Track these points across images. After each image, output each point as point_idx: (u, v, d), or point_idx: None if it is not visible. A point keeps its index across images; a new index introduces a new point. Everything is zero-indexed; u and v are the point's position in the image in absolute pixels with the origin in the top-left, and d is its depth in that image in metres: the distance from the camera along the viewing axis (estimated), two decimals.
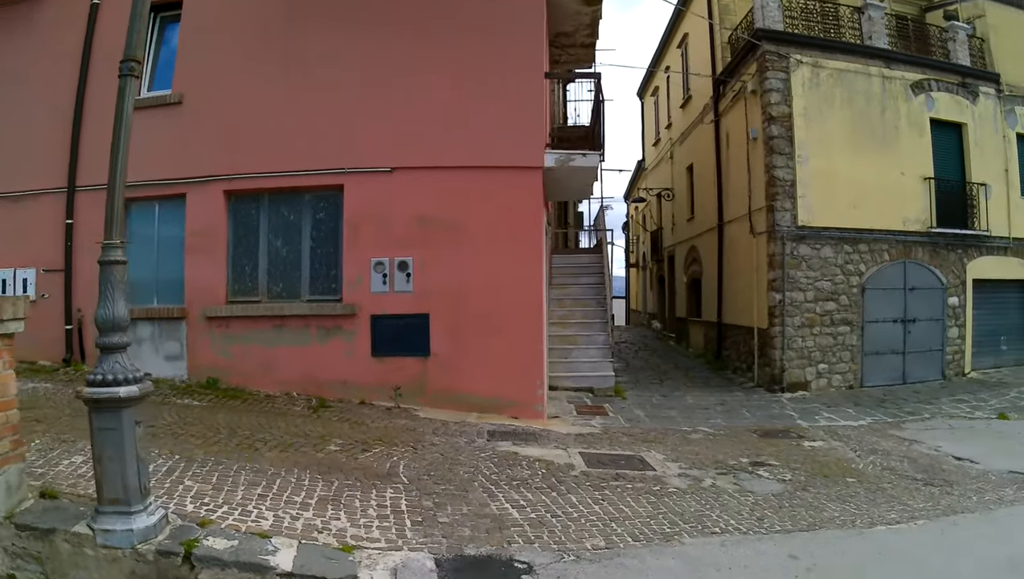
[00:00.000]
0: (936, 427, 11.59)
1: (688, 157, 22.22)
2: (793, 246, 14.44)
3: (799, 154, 14.51)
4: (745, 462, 8.67)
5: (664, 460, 8.53)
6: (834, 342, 14.75)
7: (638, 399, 13.31)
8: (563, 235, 23.88)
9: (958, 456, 9.46)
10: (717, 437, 10.29)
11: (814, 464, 8.77)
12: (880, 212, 15.21)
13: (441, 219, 10.19)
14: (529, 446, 8.64)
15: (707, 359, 18.97)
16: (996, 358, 17.43)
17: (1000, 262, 17.37)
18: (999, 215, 17.02)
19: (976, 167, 16.81)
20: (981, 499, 7.45)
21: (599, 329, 14.79)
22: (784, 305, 14.30)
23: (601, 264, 17.25)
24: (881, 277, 15.30)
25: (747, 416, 12.15)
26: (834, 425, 11.57)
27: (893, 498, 7.36)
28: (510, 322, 10.14)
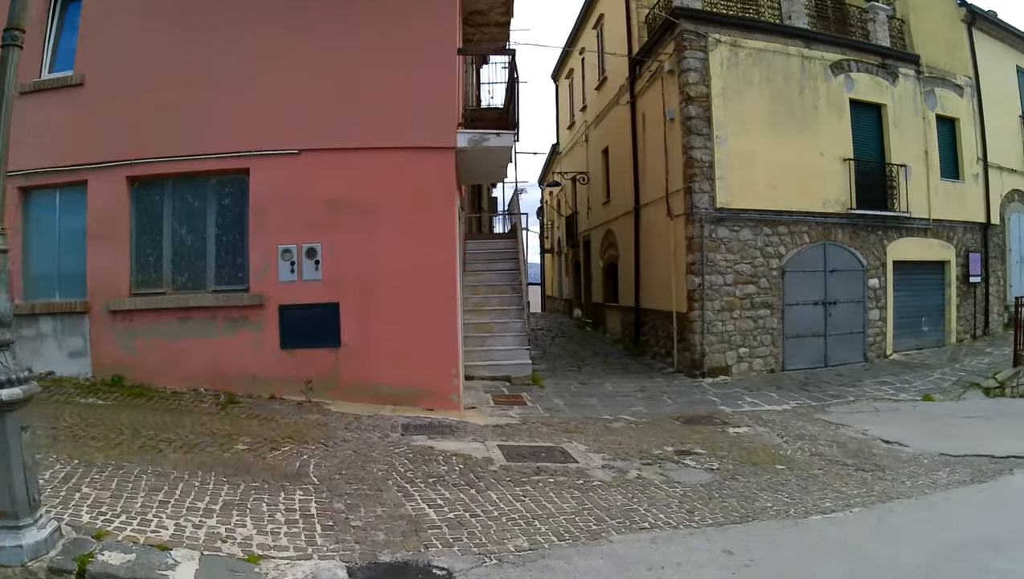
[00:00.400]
0: (862, 410, 12.33)
1: (604, 140, 23.14)
2: (712, 228, 15.36)
3: (717, 135, 15.42)
4: (670, 451, 8.99)
5: (586, 451, 8.78)
6: (755, 325, 15.81)
7: (557, 387, 13.98)
8: (477, 220, 24.45)
9: (887, 439, 9.98)
10: (640, 425, 10.73)
11: (741, 451, 9.14)
12: (800, 193, 16.26)
13: (351, 202, 10.49)
14: (446, 439, 8.82)
15: (625, 345, 19.90)
16: (917, 339, 18.75)
17: (920, 243, 18.70)
18: (919, 196, 18.30)
19: (896, 148, 18.05)
20: (915, 483, 7.76)
21: (515, 316, 15.47)
22: (703, 289, 15.23)
23: (516, 249, 17.91)
24: (801, 259, 16.40)
25: (669, 402, 12.87)
26: (758, 410, 12.28)
27: (826, 485, 7.66)
28: (423, 310, 10.51)
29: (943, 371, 15.88)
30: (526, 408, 11.84)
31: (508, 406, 11.87)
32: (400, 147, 10.62)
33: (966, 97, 20.21)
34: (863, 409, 12.47)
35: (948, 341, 19.48)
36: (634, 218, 19.40)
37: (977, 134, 20.44)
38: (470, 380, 13.69)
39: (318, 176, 10.57)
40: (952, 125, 19.94)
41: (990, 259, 20.68)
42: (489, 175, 15.42)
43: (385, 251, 10.52)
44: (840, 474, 8.17)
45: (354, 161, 10.62)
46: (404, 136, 10.62)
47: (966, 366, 16.39)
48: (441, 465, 7.71)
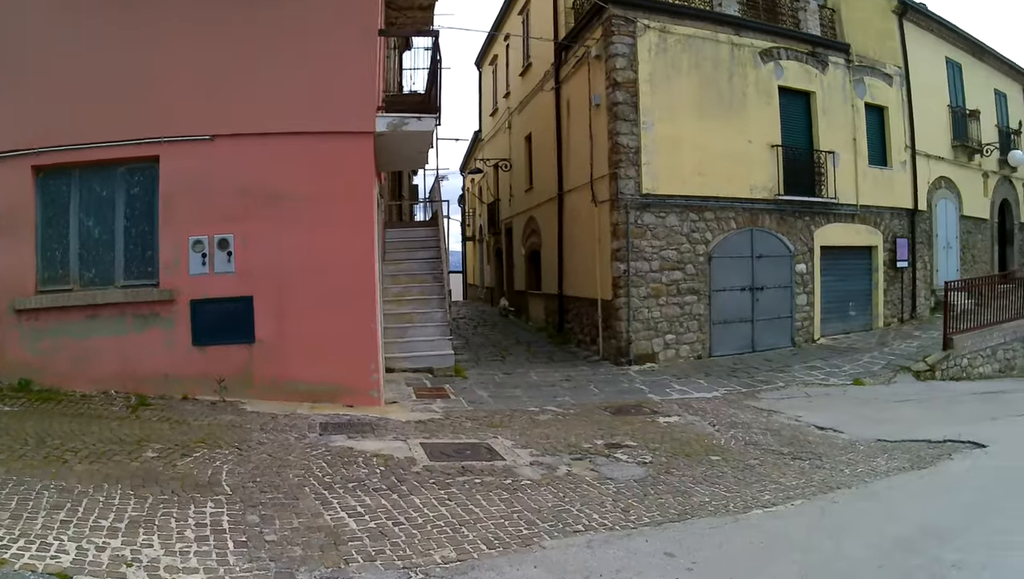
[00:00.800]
0: (793, 396, 12.62)
1: (527, 126, 23.22)
2: (637, 215, 15.50)
3: (644, 120, 15.56)
4: (600, 444, 8.94)
5: (513, 447, 8.68)
6: (681, 312, 16.04)
7: (480, 378, 14.01)
8: (398, 208, 24.42)
9: (821, 426, 10.15)
10: (567, 417, 10.75)
11: (673, 442, 9.15)
12: (727, 179, 16.53)
13: (265, 190, 10.27)
14: (366, 439, 8.62)
15: (549, 333, 20.05)
16: (845, 324, 19.28)
17: (847, 229, 19.16)
18: (847, 183, 18.76)
19: (824, 135, 18.45)
20: (854, 472, 7.83)
21: (436, 305, 15.45)
22: (629, 275, 15.37)
23: (437, 237, 17.86)
24: (728, 245, 16.69)
25: (596, 392, 12.96)
26: (687, 398, 12.42)
27: (763, 476, 7.67)
28: (341, 302, 10.39)
29: (872, 355, 16.31)
30: (449, 401, 11.80)
31: (431, 400, 11.81)
32: (317, 132, 10.44)
33: (895, 86, 20.67)
34: (794, 395, 12.74)
35: (876, 325, 20.01)
36: (557, 205, 19.52)
37: (906, 122, 20.95)
38: (391, 373, 13.66)
39: (231, 163, 10.33)
40: (881, 113, 20.42)
41: (917, 244, 21.24)
42: (410, 161, 15.43)
43: (300, 241, 10.35)
44: (777, 464, 8.21)
45: (269, 147, 10.42)
46: (321, 120, 10.47)
47: (895, 349, 16.91)
48: (361, 467, 7.46)
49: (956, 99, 23.64)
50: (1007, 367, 16.97)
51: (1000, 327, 16.92)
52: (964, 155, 23.79)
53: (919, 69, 21.44)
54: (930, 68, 22.32)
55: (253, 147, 10.42)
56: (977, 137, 24.17)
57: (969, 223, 24.32)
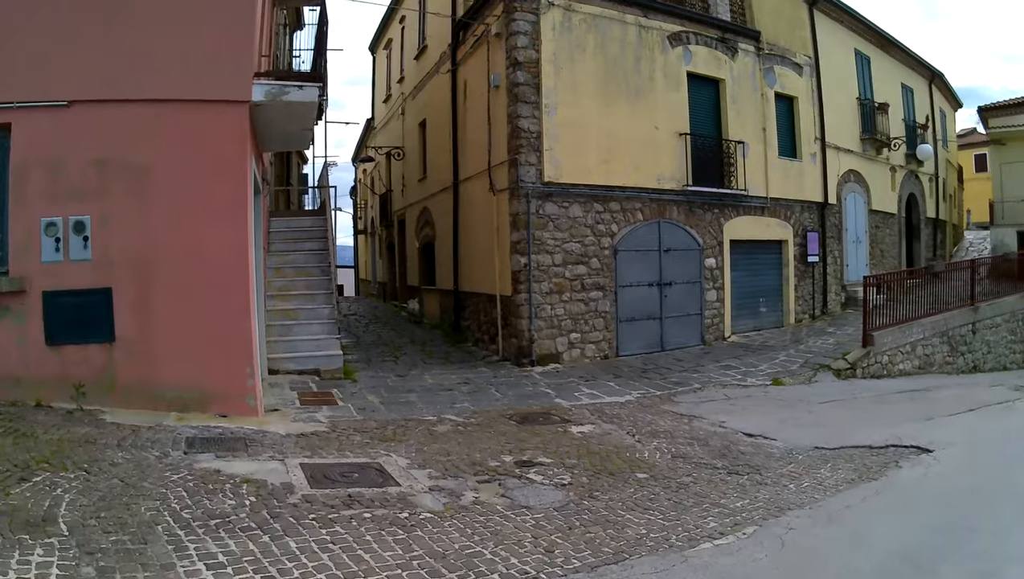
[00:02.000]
0: (712, 398, 12.45)
1: (421, 112, 22.77)
2: (539, 204, 15.18)
3: (546, 103, 15.22)
4: (510, 462, 8.36)
5: (409, 467, 7.95)
6: (586, 309, 15.79)
7: (371, 381, 13.45)
8: (285, 196, 23.91)
9: (749, 432, 9.93)
10: (468, 427, 10.17)
11: (592, 457, 8.67)
12: (634, 168, 16.40)
13: (127, 165, 9.53)
14: (237, 459, 7.77)
15: (444, 330, 19.60)
16: (756, 320, 19.46)
17: (757, 222, 19.34)
18: (757, 174, 18.93)
19: (734, 125, 18.57)
20: (800, 487, 7.48)
21: (323, 301, 14.95)
22: (530, 269, 15.01)
23: (325, 228, 17.37)
24: (635, 238, 16.55)
25: (498, 397, 12.52)
26: (599, 402, 12.09)
27: (702, 497, 7.23)
28: (211, 295, 9.77)
29: (788, 353, 16.43)
30: (337, 409, 11.14)
31: (316, 407, 11.14)
32: (185, 99, 9.71)
33: (805, 76, 20.99)
34: (713, 397, 12.61)
35: (787, 321, 20.29)
36: (453, 194, 19.08)
37: (816, 113, 21.31)
38: (275, 374, 13.17)
39: (90, 133, 9.51)
40: (791, 103, 20.71)
41: (827, 239, 21.63)
42: (294, 140, 14.57)
43: (166, 224, 9.61)
44: (713, 481, 7.84)
45: (132, 115, 9.61)
46: (190, 86, 9.71)
47: (811, 347, 17.07)
48: (228, 498, 6.49)
49: (865, 92, 24.29)
50: (927, 363, 17.26)
51: (919, 322, 17.16)
52: (873, 148, 24.44)
53: (829, 60, 21.87)
54: (840, 59, 22.83)
55: (115, 115, 9.60)
56: (885, 131, 24.85)
57: (877, 217, 24.98)
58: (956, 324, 18.42)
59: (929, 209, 29.42)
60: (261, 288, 13.01)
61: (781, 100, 20.33)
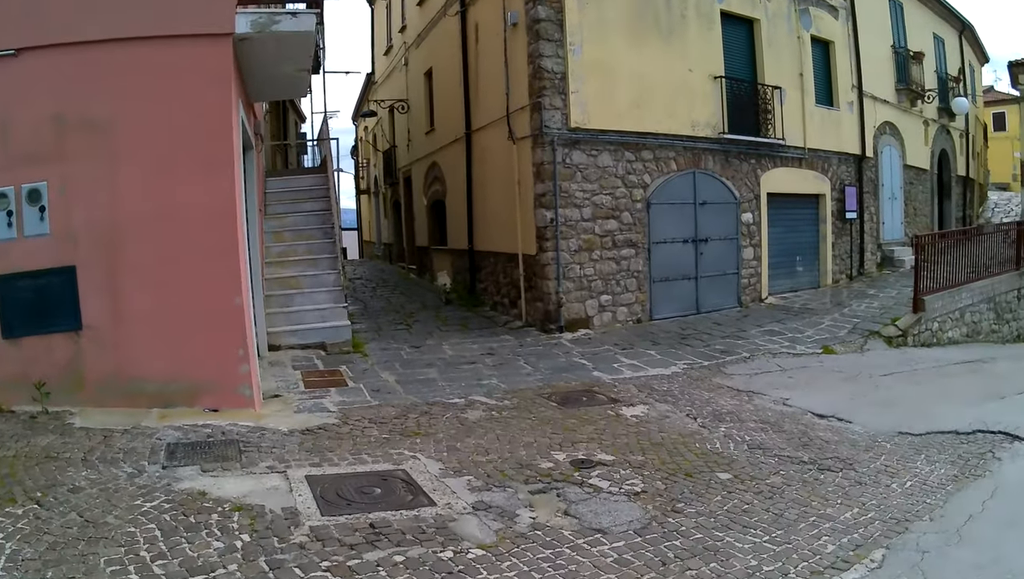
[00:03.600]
0: (765, 369, 11.08)
1: (427, 61, 20.92)
2: (565, 152, 13.40)
3: (571, 42, 13.41)
4: (563, 460, 6.80)
5: (442, 474, 6.33)
6: (617, 268, 14.09)
7: (384, 355, 11.79)
8: (282, 154, 22.23)
9: (820, 413, 8.73)
10: (504, 413, 8.51)
11: (658, 450, 7.21)
12: (667, 114, 14.68)
13: (88, 120, 7.84)
14: (228, 473, 6.11)
15: (458, 294, 17.99)
16: (792, 281, 17.90)
17: (795, 174, 17.71)
18: (794, 123, 17.20)
19: (770, 69, 16.81)
20: (904, 488, 6.33)
21: (328, 266, 13.20)
22: (557, 225, 13.28)
23: (327, 186, 15.65)
24: (669, 190, 14.83)
25: (529, 370, 10.87)
26: (643, 376, 10.52)
27: (802, 505, 5.91)
28: (194, 269, 8.06)
29: (832, 317, 14.87)
30: (347, 391, 9.40)
31: (323, 390, 9.44)
32: (153, 36, 7.93)
33: (841, 20, 19.18)
34: (766, 368, 11.13)
35: (823, 282, 18.69)
36: (465, 146, 17.24)
37: (852, 60, 19.57)
38: (276, 350, 11.51)
39: (43, 85, 7.84)
40: (827, 48, 18.97)
41: (864, 194, 19.92)
42: (287, 85, 12.34)
43: (138, 188, 7.92)
44: (807, 481, 6.48)
45: (91, 60, 7.87)
46: (158, 19, 7.93)
47: (855, 311, 15.45)
48: (214, 537, 4.88)
49: (899, 40, 22.39)
50: (974, 331, 15.74)
51: (968, 287, 15.60)
52: (908, 100, 22.66)
53: (864, 5, 20.03)
54: (875, 4, 20.98)
55: (71, 62, 7.87)
56: (920, 81, 23.07)
57: (911, 173, 23.25)
58: (1003, 289, 16.78)
59: (959, 167, 27.55)
60: (257, 255, 11.50)
61: (817, 44, 18.52)
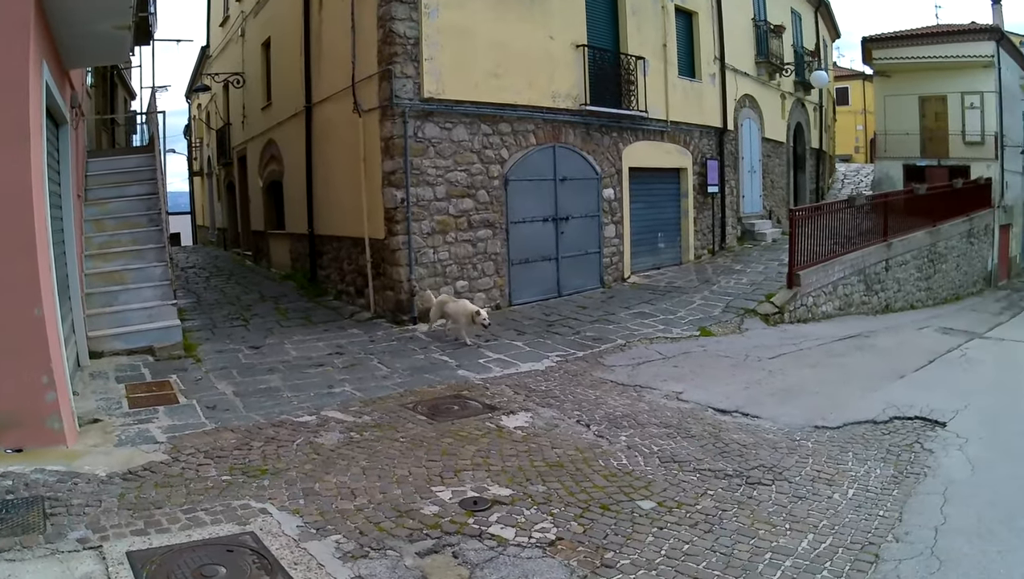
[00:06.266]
0: (646, 358, 10.25)
1: (265, 30, 19.12)
2: (418, 125, 12.10)
3: (426, 4, 12.09)
4: (451, 501, 5.55)
5: (302, 536, 4.94)
6: (474, 251, 12.96)
7: (220, 358, 10.21)
8: (108, 131, 19.99)
9: (721, 408, 8.06)
10: (365, 431, 7.11)
11: (559, 475, 6.10)
12: (527, 84, 13.63)
13: None
14: (27, 555, 4.54)
15: (299, 282, 16.46)
16: (655, 258, 17.44)
17: (657, 148, 17.18)
18: (657, 95, 16.65)
19: (633, 39, 16.16)
20: (848, 499, 5.71)
21: (155, 258, 11.58)
22: (408, 206, 11.97)
23: (154, 166, 13.89)
24: (528, 165, 13.81)
25: (385, 372, 9.47)
26: (515, 373, 9.42)
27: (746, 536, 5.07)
28: None
29: (702, 296, 14.37)
30: (178, 411, 7.77)
31: (151, 409, 7.77)
32: None
33: None
34: (646, 356, 10.31)
35: (686, 258, 18.30)
36: (305, 120, 15.74)
37: (716, 31, 19.14)
38: (99, 358, 9.84)
39: None
40: (690, 19, 18.50)
41: (725, 168, 19.52)
42: (107, 47, 10.16)
43: None
44: (741, 502, 5.63)
45: None
46: None
47: (726, 288, 15.02)
48: None
49: (760, 13, 22.14)
50: (846, 304, 15.58)
51: (840, 260, 15.40)
52: (767, 73, 22.50)
53: None
54: None
55: None
56: (780, 55, 22.91)
57: (769, 146, 23.09)
58: (872, 261, 16.74)
59: (813, 140, 27.74)
60: (74, 249, 9.71)
61: (681, 15, 17.98)
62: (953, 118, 28.96)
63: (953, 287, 22.18)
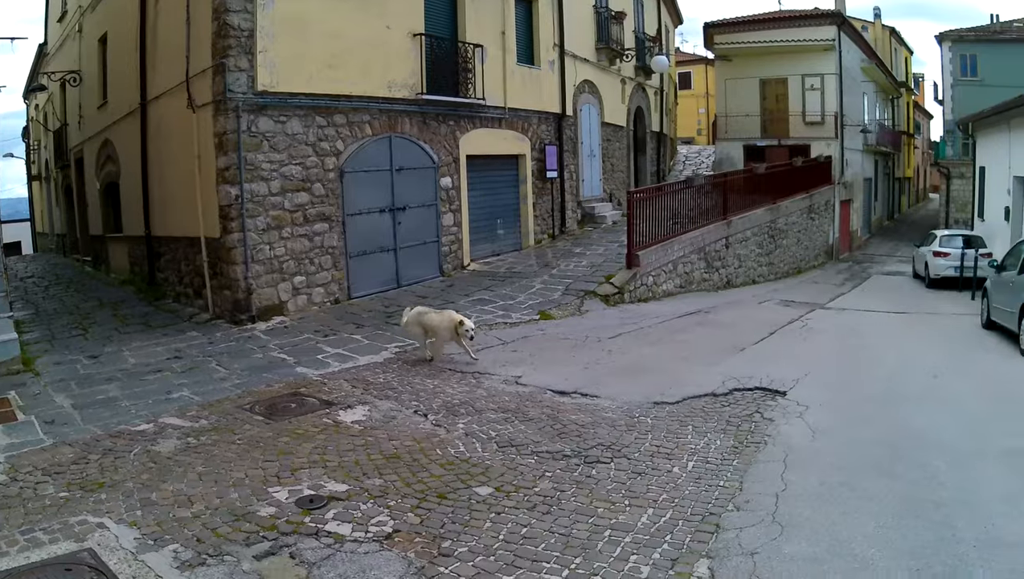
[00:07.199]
0: (486, 344, 10.81)
1: (102, 25, 18.75)
2: (251, 119, 12.23)
3: None
4: (288, 501, 5.79)
5: (140, 548, 5.05)
6: (311, 245, 13.22)
7: (58, 370, 10.00)
8: None
9: (561, 389, 8.55)
10: (203, 436, 7.27)
11: (396, 467, 6.41)
12: (363, 74, 13.98)
13: None
14: None
15: (138, 286, 16.30)
16: (495, 244, 18.17)
17: (495, 135, 17.89)
18: (495, 82, 17.32)
19: (472, 26, 16.78)
20: (688, 472, 6.18)
21: None
22: (243, 202, 12.10)
23: None
24: (364, 156, 14.18)
25: (224, 373, 9.61)
26: (353, 367, 9.79)
27: (584, 515, 5.45)
28: None
29: (542, 280, 15.16)
30: (16, 429, 7.63)
31: None
32: None
33: None
34: (485, 342, 10.93)
35: (527, 243, 19.12)
36: (140, 118, 15.59)
37: (555, 18, 20.01)
38: None
39: None
40: (530, 6, 19.33)
41: (564, 153, 20.45)
42: None
43: None
44: (579, 481, 6.04)
45: None
46: None
47: (565, 271, 15.87)
48: None
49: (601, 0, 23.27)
50: (687, 281, 16.78)
51: (679, 239, 16.61)
52: (607, 59, 23.64)
53: None
54: None
55: None
56: (620, 41, 24.04)
57: (609, 130, 24.26)
58: (712, 239, 18.10)
59: (654, 123, 29.18)
60: None
61: (520, 2, 18.77)
62: (794, 99, 30.99)
63: (795, 261, 24.09)
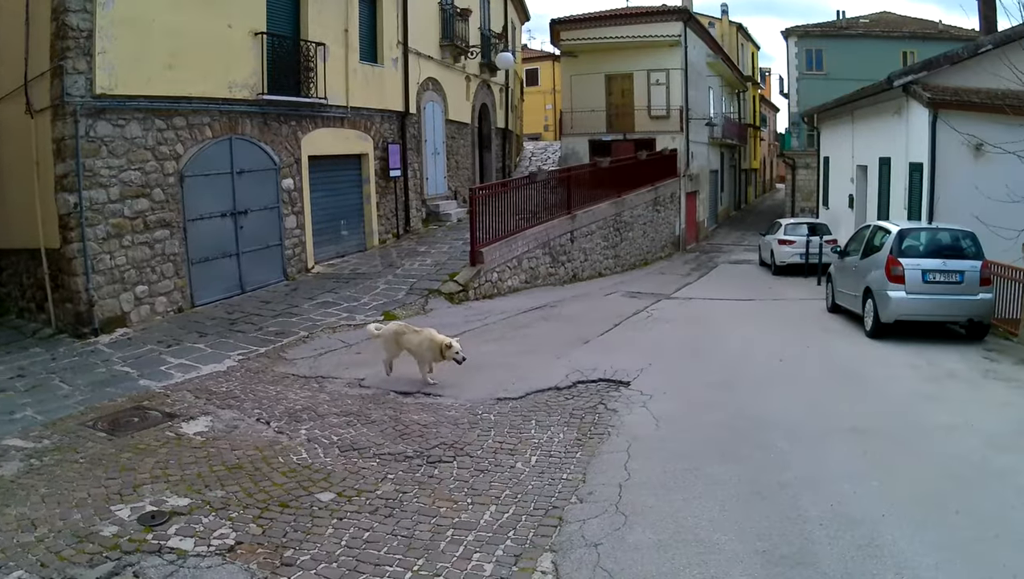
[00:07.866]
0: (329, 347, 11.00)
1: None
2: (90, 124, 12.09)
3: None
4: (130, 519, 5.83)
5: None
6: (152, 253, 13.11)
7: None
8: None
9: (403, 390, 8.90)
10: (46, 457, 7.16)
11: (238, 478, 6.51)
12: (203, 75, 13.94)
13: None
14: None
15: None
16: (339, 246, 18.39)
17: (337, 135, 18.14)
18: (337, 81, 17.53)
19: (314, 24, 16.89)
20: (531, 466, 6.48)
21: None
22: (82, 210, 11.98)
23: None
24: (204, 160, 14.16)
25: (66, 390, 9.44)
26: (196, 377, 9.87)
27: (427, 515, 5.69)
28: None
29: (387, 280, 15.50)
30: None
31: None
32: None
33: None
34: (329, 345, 11.12)
35: (371, 244, 19.41)
36: None
37: (400, 16, 20.33)
38: None
39: None
40: (374, 4, 19.54)
41: (408, 151, 20.79)
42: None
43: None
44: (421, 482, 6.28)
45: None
46: None
47: (409, 271, 16.28)
48: None
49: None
50: (533, 277, 17.39)
51: (523, 235, 17.21)
52: (451, 56, 23.95)
53: None
54: None
55: None
56: (465, 38, 24.46)
57: (453, 127, 24.65)
58: (556, 234, 18.80)
59: (499, 120, 29.75)
60: None
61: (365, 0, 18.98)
62: (640, 94, 32.29)
63: (641, 253, 25.17)
